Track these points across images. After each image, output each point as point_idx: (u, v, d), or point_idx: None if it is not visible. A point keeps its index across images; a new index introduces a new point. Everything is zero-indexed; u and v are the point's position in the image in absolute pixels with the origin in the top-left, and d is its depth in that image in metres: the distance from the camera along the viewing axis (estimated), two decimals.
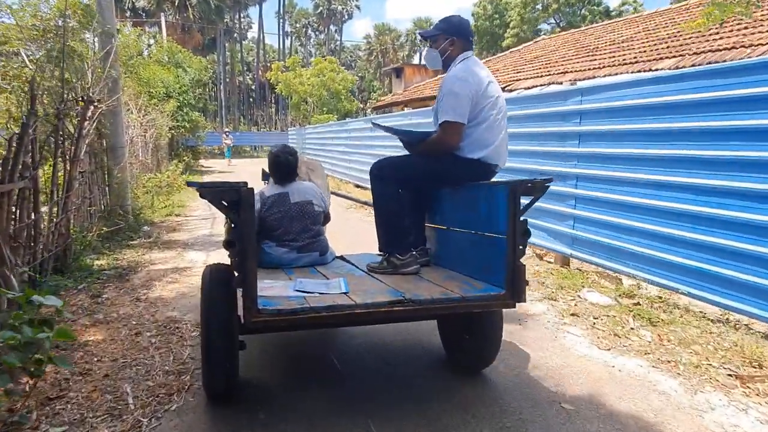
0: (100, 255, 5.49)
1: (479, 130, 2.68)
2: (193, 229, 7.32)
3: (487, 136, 2.69)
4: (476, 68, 2.74)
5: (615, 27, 12.50)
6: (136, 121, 10.14)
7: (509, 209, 2.21)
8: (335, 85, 22.95)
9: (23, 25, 5.50)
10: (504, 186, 2.29)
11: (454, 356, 2.92)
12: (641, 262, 4.14)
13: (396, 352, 3.11)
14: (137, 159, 10.30)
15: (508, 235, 2.23)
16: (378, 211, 2.84)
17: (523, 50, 15.44)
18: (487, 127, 2.69)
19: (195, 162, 21.42)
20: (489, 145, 2.70)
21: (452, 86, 2.65)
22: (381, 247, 2.86)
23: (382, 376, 2.80)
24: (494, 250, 2.35)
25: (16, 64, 5.33)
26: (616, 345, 3.24)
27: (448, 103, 2.63)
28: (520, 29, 30.43)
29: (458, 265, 2.73)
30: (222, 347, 2.22)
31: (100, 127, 6.57)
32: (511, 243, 2.22)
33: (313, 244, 3.04)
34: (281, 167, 3.15)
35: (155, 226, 7.48)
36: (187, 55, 18.65)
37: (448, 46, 2.81)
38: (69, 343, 3.14)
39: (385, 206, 2.82)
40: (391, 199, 2.80)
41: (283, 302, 2.14)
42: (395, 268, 2.70)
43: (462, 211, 2.78)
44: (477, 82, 2.65)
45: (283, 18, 51.85)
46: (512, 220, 2.20)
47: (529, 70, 11.56)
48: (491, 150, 2.71)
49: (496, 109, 2.71)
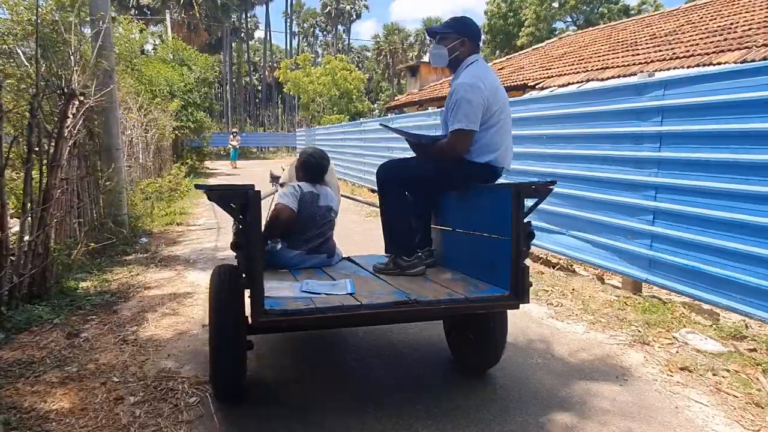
0: (88, 274, 4.69)
1: (489, 135, 2.68)
2: (196, 242, 6.50)
3: (496, 140, 2.71)
4: (486, 73, 2.73)
5: (651, 21, 11.62)
6: (136, 120, 9.36)
7: (513, 211, 2.23)
8: (347, 84, 22.05)
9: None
10: (508, 188, 2.31)
11: (459, 356, 2.93)
12: (751, 294, 3.24)
13: (402, 352, 3.12)
14: (137, 162, 9.52)
15: (512, 236, 2.24)
16: (384, 213, 2.86)
17: (547, 47, 14.56)
18: (496, 131, 2.69)
19: (200, 164, 20.68)
20: (497, 149, 2.71)
21: (465, 93, 2.61)
22: (387, 248, 2.86)
23: (390, 375, 2.82)
24: (498, 252, 2.35)
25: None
26: (763, 423, 2.38)
27: (462, 110, 2.60)
28: (536, 27, 29.55)
29: (463, 266, 2.74)
30: (230, 347, 2.22)
31: (91, 126, 5.78)
32: (515, 245, 2.24)
33: (322, 246, 3.04)
34: (317, 167, 3.14)
35: (154, 237, 6.67)
36: (193, 52, 17.87)
37: (458, 46, 2.77)
38: (23, 412, 2.34)
39: (391, 208, 2.83)
40: (397, 201, 2.81)
41: (290, 303, 2.16)
42: (401, 270, 2.71)
43: (467, 212, 2.78)
44: (488, 88, 2.63)
45: (290, 18, 51.17)
46: (516, 222, 2.23)
47: (559, 66, 10.71)
48: (499, 153, 2.72)
49: (504, 113, 2.73)
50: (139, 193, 7.82)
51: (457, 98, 2.63)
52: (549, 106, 5.30)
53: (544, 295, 4.35)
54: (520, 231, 2.23)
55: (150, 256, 5.63)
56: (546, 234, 5.15)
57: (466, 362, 2.86)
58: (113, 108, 6.38)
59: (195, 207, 9.58)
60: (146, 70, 12.86)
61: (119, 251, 5.70)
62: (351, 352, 3.13)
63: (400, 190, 2.82)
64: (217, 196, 2.05)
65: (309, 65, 23.20)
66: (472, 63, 2.74)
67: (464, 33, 2.77)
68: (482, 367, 2.78)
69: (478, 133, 2.65)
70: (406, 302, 2.18)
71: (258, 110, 54.23)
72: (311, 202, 3.01)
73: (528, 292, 2.27)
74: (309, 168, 3.14)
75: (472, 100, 2.58)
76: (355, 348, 3.18)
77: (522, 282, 2.24)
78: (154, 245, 6.15)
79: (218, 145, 27.61)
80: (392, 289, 2.41)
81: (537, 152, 5.41)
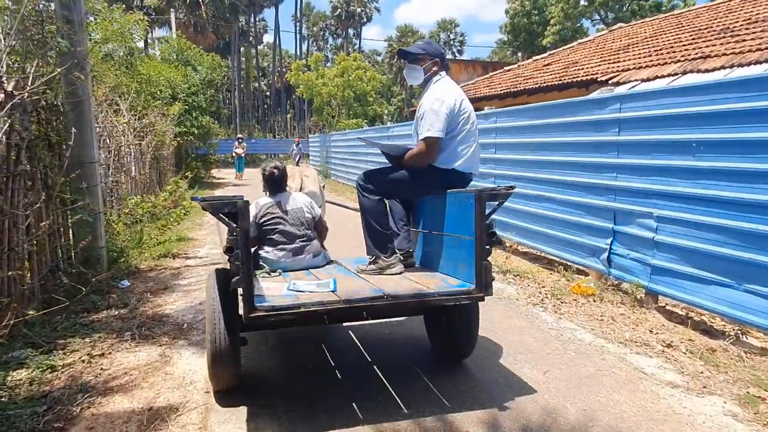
0: (31, 350, 3.10)
1: (454, 143, 2.95)
2: (195, 287, 4.86)
3: (461, 147, 2.97)
4: (452, 87, 3.01)
5: (741, 4, 9.84)
6: (127, 125, 7.78)
7: (477, 214, 2.46)
8: (362, 86, 20.29)
9: None
10: (472, 193, 2.53)
11: (437, 348, 3.22)
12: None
13: (385, 347, 3.43)
14: (128, 175, 7.94)
15: (476, 236, 2.47)
16: (364, 219, 3.06)
17: (598, 40, 12.84)
18: (461, 139, 2.96)
19: (207, 173, 19.15)
20: (462, 156, 2.96)
21: (432, 105, 2.89)
22: (368, 250, 3.05)
23: (371, 368, 3.08)
24: (466, 251, 2.58)
25: None
26: None
27: (428, 120, 2.88)
28: (563, 25, 27.82)
29: (438, 265, 2.96)
30: (225, 343, 2.44)
31: (48, 132, 4.18)
32: (479, 243, 2.46)
33: (306, 247, 3.22)
34: (272, 181, 3.36)
35: (140, 279, 5.04)
36: (198, 51, 16.31)
37: (431, 66, 3.07)
38: None
39: (370, 214, 3.04)
40: (375, 207, 3.05)
41: (277, 299, 2.39)
42: (381, 270, 2.94)
43: (440, 216, 2.93)
44: (453, 100, 2.91)
45: (300, 21, 49.80)
46: (479, 223, 2.46)
47: (631, 59, 9.01)
48: (465, 160, 2.97)
49: (468, 123, 2.98)
50: (125, 216, 6.19)
51: (424, 110, 2.92)
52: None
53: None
54: (482, 231, 2.46)
55: (128, 314, 4.00)
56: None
57: (444, 353, 3.13)
58: (85, 109, 4.78)
59: (198, 229, 7.96)
60: (144, 68, 11.33)
61: (87, 304, 4.09)
62: (337, 346, 3.45)
63: (377, 197, 3.06)
64: (210, 206, 2.23)
65: (322, 66, 21.54)
66: (439, 80, 3.04)
67: (437, 55, 3.08)
68: (458, 357, 3.07)
69: (445, 142, 2.91)
70: (381, 297, 2.41)
71: (267, 116, 52.86)
72: (274, 210, 3.24)
73: (491, 286, 2.49)
74: (265, 181, 3.39)
75: (438, 111, 2.86)
76: (341, 342, 3.51)
77: (485, 277, 2.46)
78: (137, 294, 4.52)
79: (226, 152, 25.98)
80: (371, 286, 2.63)
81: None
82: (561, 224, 5.06)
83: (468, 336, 2.91)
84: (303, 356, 3.32)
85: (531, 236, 5.62)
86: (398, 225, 3.16)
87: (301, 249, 3.17)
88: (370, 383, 2.86)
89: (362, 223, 3.05)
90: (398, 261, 2.95)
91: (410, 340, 3.51)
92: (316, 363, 3.18)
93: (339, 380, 2.93)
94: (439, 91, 2.92)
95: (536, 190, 5.41)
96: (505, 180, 5.91)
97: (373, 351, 3.34)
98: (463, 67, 17.68)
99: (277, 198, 3.29)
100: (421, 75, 3.05)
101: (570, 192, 4.92)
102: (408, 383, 2.83)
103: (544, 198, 5.30)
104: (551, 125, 5.20)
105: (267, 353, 3.36)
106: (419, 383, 2.83)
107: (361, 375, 2.99)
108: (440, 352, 3.15)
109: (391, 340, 3.54)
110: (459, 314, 2.85)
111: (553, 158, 5.16)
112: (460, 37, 48.29)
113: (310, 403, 2.61)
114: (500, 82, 12.76)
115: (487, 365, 3.09)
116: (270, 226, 3.18)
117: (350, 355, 3.30)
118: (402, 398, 2.65)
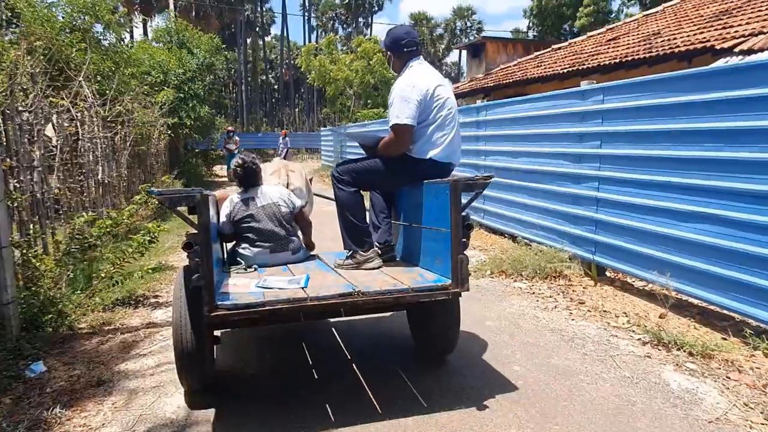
0: None
1: (428, 131, 2.78)
2: (157, 370, 2.90)
3: (437, 135, 2.79)
4: (424, 72, 2.84)
5: None
6: (87, 112, 5.85)
7: (452, 205, 2.34)
8: (384, 71, 18.07)
9: None
10: (447, 184, 2.39)
11: (420, 344, 3.08)
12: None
13: (368, 344, 3.29)
14: (94, 178, 6.00)
15: (451, 228, 2.35)
16: (340, 212, 2.95)
17: (677, 6, 10.63)
18: (436, 127, 2.78)
19: (208, 171, 17.26)
20: (439, 145, 2.79)
21: (401, 91, 2.76)
22: (344, 245, 2.95)
23: (350, 367, 2.92)
24: (442, 244, 2.46)
25: None
26: None
27: (397, 107, 2.74)
28: (598, 6, 25.51)
29: (418, 258, 2.83)
30: (191, 342, 2.33)
31: None
32: (455, 236, 2.35)
33: (284, 243, 3.08)
34: (245, 175, 3.18)
35: (68, 355, 3.09)
36: (195, 32, 14.27)
37: (390, 58, 3.00)
38: None
39: (345, 207, 2.92)
40: (350, 199, 2.92)
41: (242, 297, 2.25)
42: (358, 264, 2.83)
43: (419, 208, 2.82)
44: (425, 86, 2.75)
45: (308, 10, 47.68)
46: (454, 214, 2.34)
47: (740, 23, 6.92)
48: (442, 149, 2.79)
49: (444, 110, 2.80)
50: (74, 243, 4.21)
51: (393, 97, 2.80)
52: None
53: None
54: (458, 223, 2.35)
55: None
56: None
57: (426, 349, 3.02)
58: None
59: (177, 254, 5.87)
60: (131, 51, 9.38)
61: None
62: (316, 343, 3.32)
63: (352, 189, 2.93)
64: (167, 200, 2.13)
65: (335, 49, 19.39)
66: (410, 66, 2.89)
67: (388, 47, 2.97)
68: (441, 353, 2.95)
69: (418, 130, 2.77)
70: (351, 294, 2.28)
71: (275, 109, 50.97)
72: (247, 206, 3.08)
73: (468, 280, 2.38)
74: (236, 177, 3.21)
75: (407, 98, 2.72)
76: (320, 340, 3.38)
77: (461, 271, 2.35)
78: (53, 392, 2.57)
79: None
80: (344, 282, 2.49)
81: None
82: None
83: (448, 332, 2.81)
84: (281, 354, 3.21)
85: None
86: (379, 217, 3.12)
87: (277, 245, 3.05)
88: (347, 383, 2.71)
89: (338, 218, 2.97)
90: (376, 255, 2.87)
91: (396, 336, 3.35)
92: (293, 362, 3.05)
93: (315, 380, 2.78)
94: (411, 76, 2.81)
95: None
96: (640, 187, 3.89)
97: (355, 348, 3.22)
98: (501, 46, 15.56)
99: (250, 194, 3.15)
100: (392, 68, 3.03)
101: None
102: (387, 382, 2.70)
103: None
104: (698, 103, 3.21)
105: (243, 351, 3.23)
106: (398, 382, 2.70)
107: (340, 374, 2.83)
108: (423, 348, 3.05)
109: (376, 336, 3.43)
110: (439, 310, 2.73)
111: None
112: (477, 24, 45.97)
113: (282, 405, 2.46)
114: (554, 61, 10.67)
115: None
116: (245, 223, 3.05)
117: (330, 354, 3.16)
118: (380, 398, 2.52)
